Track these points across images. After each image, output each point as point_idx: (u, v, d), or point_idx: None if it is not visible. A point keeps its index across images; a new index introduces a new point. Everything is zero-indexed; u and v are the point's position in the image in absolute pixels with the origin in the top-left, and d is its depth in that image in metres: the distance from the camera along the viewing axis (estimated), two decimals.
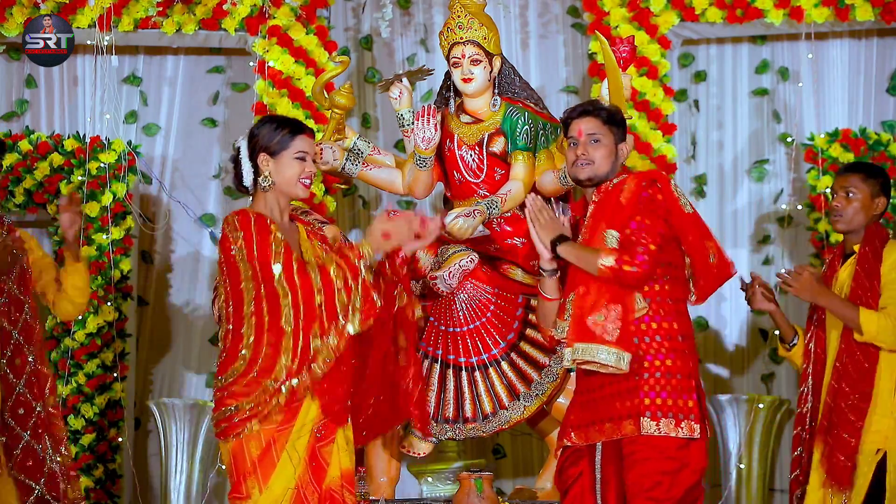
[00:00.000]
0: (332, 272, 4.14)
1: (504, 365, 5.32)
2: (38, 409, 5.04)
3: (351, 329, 4.13)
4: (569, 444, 4.45)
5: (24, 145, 6.81)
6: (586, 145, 4.47)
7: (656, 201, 4.38)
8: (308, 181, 4.39)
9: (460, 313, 5.37)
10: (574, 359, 4.34)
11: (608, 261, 4.30)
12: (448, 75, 5.54)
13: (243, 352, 4.17)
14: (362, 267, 4.17)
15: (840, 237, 5.53)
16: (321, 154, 5.36)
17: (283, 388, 4.15)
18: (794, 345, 5.30)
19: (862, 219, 5.23)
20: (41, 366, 5.09)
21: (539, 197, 4.50)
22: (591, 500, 4.41)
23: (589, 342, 4.32)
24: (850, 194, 5.25)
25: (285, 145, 4.40)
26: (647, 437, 4.31)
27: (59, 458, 5.07)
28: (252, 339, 4.17)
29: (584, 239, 4.43)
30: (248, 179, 4.41)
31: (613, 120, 4.52)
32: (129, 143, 6.93)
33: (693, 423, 4.35)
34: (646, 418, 4.31)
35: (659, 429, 4.31)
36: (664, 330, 4.39)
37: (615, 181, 4.47)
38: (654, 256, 4.32)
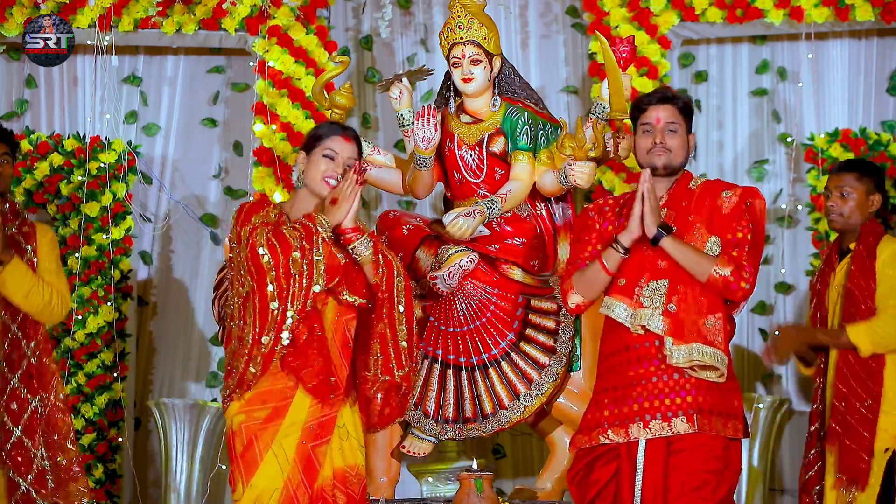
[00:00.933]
0: (286, 234, 4.21)
1: (504, 365, 5.32)
2: (34, 404, 5.01)
3: (317, 287, 4.20)
4: (606, 441, 4.36)
5: (24, 145, 6.82)
6: (663, 133, 4.45)
7: (755, 216, 4.39)
8: (333, 181, 4.37)
9: (460, 313, 5.37)
10: (691, 359, 4.28)
11: (725, 271, 4.30)
12: (448, 75, 5.53)
13: (236, 332, 4.29)
14: (319, 228, 4.24)
15: (835, 235, 5.55)
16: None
17: (255, 353, 4.20)
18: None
19: (858, 217, 5.24)
20: (45, 360, 5.07)
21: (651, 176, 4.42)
22: (629, 499, 4.31)
23: (705, 345, 4.29)
24: (845, 193, 5.26)
25: (317, 142, 4.42)
26: (696, 434, 4.27)
27: (56, 456, 5.05)
28: (238, 316, 4.29)
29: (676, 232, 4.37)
30: (294, 176, 4.44)
31: (688, 110, 4.52)
32: (129, 143, 6.94)
33: (738, 423, 4.34)
34: (699, 415, 4.27)
35: (711, 427, 4.28)
36: None
37: (699, 182, 4.48)
38: (756, 272, 4.35)
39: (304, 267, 4.22)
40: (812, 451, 5.35)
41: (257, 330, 4.24)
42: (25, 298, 5.00)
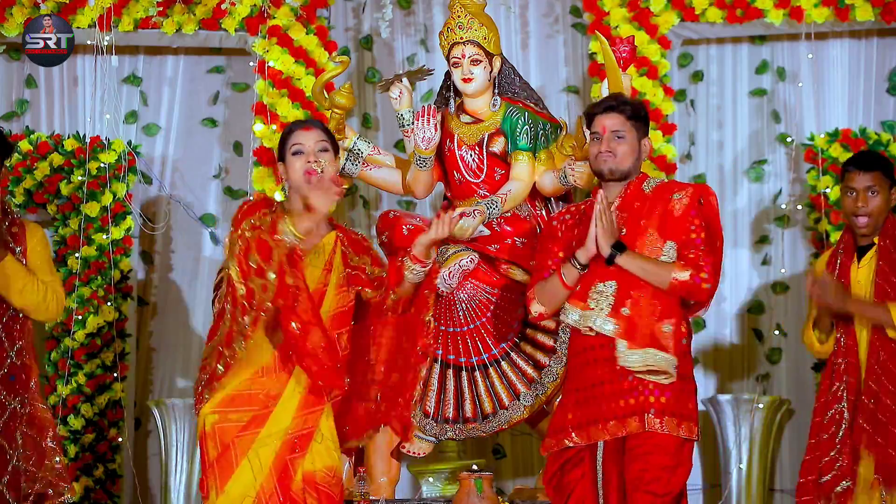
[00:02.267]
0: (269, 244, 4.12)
1: (504, 365, 5.32)
2: (12, 405, 4.97)
3: (271, 275, 4.07)
4: (570, 444, 4.45)
5: (24, 145, 6.81)
6: (609, 141, 4.50)
7: (710, 213, 4.46)
8: (313, 168, 4.31)
9: (460, 313, 5.37)
10: (646, 364, 4.34)
11: (683, 275, 4.37)
12: (448, 75, 5.54)
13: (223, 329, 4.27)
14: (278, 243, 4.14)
15: (836, 235, 5.51)
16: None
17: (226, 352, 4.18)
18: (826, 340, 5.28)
19: (884, 216, 5.18)
20: (27, 360, 5.03)
21: (606, 196, 4.47)
22: (593, 501, 4.42)
23: (660, 350, 4.35)
24: (873, 192, 5.18)
25: (284, 146, 4.41)
26: (650, 433, 4.34)
27: (42, 458, 5.01)
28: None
29: (624, 236, 4.42)
30: (285, 189, 4.44)
31: (637, 116, 4.57)
32: (129, 143, 6.93)
33: (692, 424, 4.41)
34: (650, 415, 4.35)
35: (663, 427, 4.35)
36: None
37: (652, 184, 4.53)
38: (715, 267, 4.41)
39: (263, 282, 4.12)
40: (832, 451, 5.25)
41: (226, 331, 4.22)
42: (20, 294, 4.95)
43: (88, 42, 6.74)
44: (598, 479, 4.42)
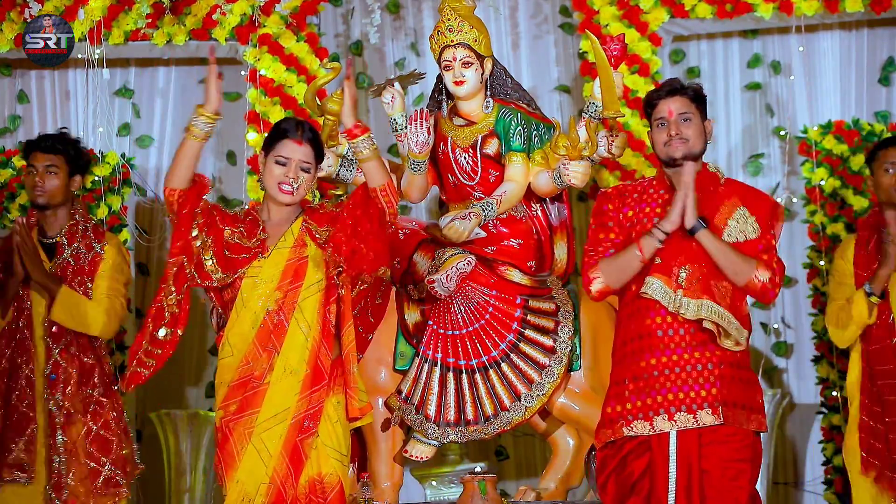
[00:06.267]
0: None
1: (504, 366, 5.32)
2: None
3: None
4: (630, 433, 4.37)
5: (18, 161, 6.80)
6: (678, 124, 4.48)
7: (778, 227, 4.50)
8: (287, 187, 4.42)
9: (459, 316, 5.36)
10: (697, 313, 4.31)
11: (764, 276, 4.38)
12: (440, 78, 5.54)
13: None
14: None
15: (833, 228, 5.56)
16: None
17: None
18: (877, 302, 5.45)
19: None
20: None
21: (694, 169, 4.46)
22: (664, 490, 4.32)
23: (719, 305, 4.32)
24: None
25: (272, 145, 4.46)
26: (724, 426, 4.29)
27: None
28: None
29: (714, 220, 4.42)
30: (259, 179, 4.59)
31: (699, 97, 4.55)
32: (123, 155, 6.93)
33: (761, 417, 4.38)
34: (725, 407, 4.30)
35: (735, 419, 4.31)
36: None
37: (723, 179, 4.53)
38: (782, 276, 4.45)
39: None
40: (871, 441, 5.43)
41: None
42: (83, 326, 5.52)
43: (79, 56, 6.74)
44: (670, 472, 4.32)
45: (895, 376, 5.45)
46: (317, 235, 4.47)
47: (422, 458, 5.39)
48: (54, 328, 5.50)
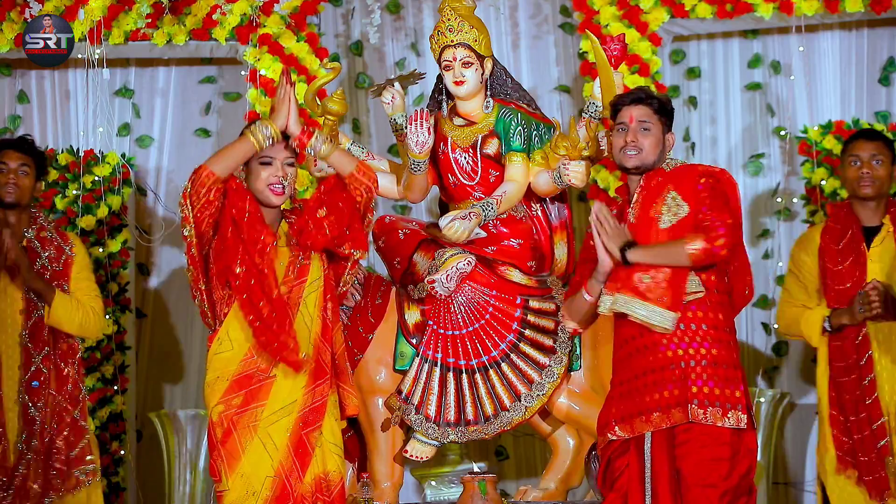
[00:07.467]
0: None
1: (504, 366, 5.32)
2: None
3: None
4: (613, 437, 4.42)
5: None
6: (636, 132, 4.50)
7: (725, 188, 4.43)
8: (279, 188, 4.44)
9: (459, 316, 5.36)
10: (612, 308, 4.35)
11: (698, 244, 4.31)
12: (440, 78, 5.54)
13: None
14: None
15: (818, 222, 5.54)
16: (315, 162, 5.35)
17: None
18: None
19: (888, 187, 5.25)
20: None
21: (604, 206, 4.48)
22: (639, 491, 4.35)
23: (631, 295, 4.33)
24: (877, 162, 5.28)
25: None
26: (698, 424, 4.29)
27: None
28: None
29: (634, 225, 4.42)
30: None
31: (664, 110, 4.57)
32: (123, 155, 6.93)
33: (740, 413, 4.34)
34: (693, 406, 4.30)
35: (707, 417, 4.30)
36: (710, 319, 4.39)
37: (672, 165, 4.53)
38: (730, 228, 4.33)
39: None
40: (882, 442, 5.37)
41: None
42: (80, 328, 5.58)
43: (79, 56, 6.74)
44: (645, 471, 4.36)
45: (852, 373, 5.42)
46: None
47: (422, 458, 5.39)
48: (36, 334, 5.49)
